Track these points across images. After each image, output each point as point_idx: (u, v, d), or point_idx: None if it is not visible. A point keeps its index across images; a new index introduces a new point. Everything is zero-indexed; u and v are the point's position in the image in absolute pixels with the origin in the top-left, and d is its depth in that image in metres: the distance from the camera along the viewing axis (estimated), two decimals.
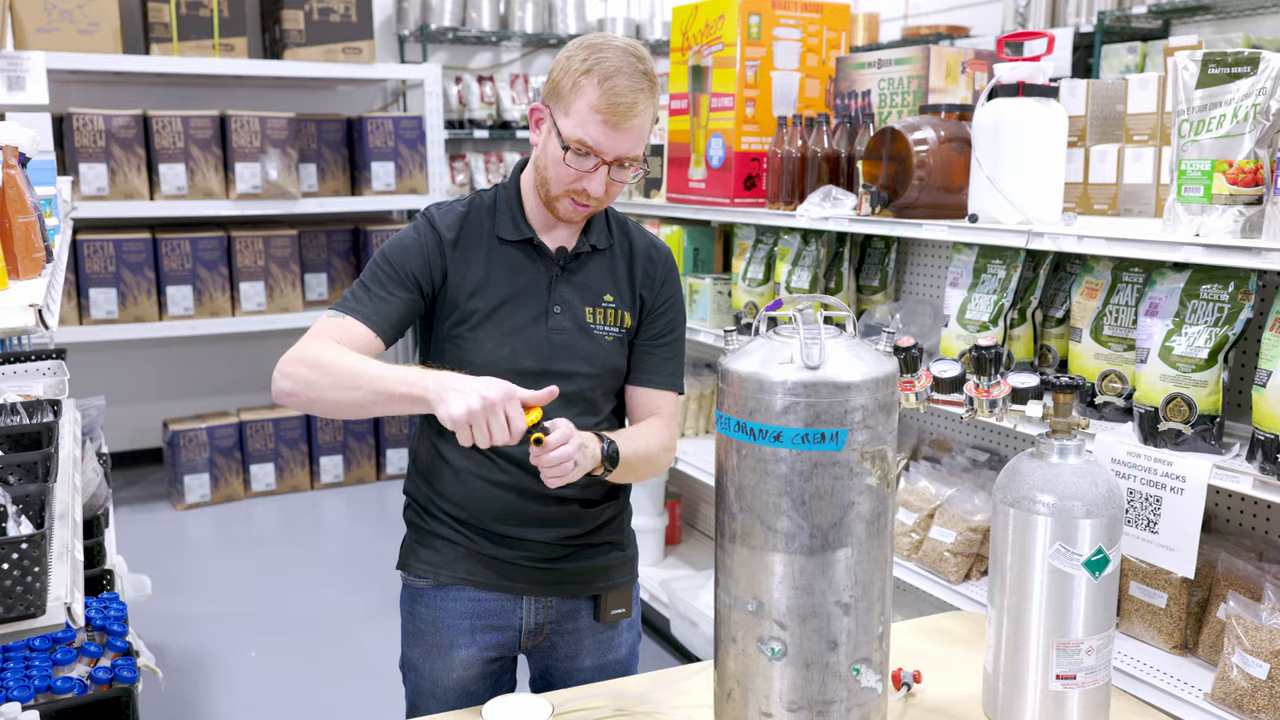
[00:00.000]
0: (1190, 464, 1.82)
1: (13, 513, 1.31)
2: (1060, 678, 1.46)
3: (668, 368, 1.75)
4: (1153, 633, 2.03)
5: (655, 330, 1.74)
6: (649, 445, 1.68)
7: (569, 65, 1.59)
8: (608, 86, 1.54)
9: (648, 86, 1.58)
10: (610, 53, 1.57)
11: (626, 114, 1.55)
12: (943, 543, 2.36)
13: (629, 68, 1.56)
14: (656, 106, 1.63)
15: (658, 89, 1.62)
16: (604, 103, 1.55)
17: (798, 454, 1.25)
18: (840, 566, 1.28)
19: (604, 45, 1.58)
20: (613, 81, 1.55)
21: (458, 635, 1.72)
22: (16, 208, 1.48)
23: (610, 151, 1.58)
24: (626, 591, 1.79)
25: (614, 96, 1.54)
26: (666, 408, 1.75)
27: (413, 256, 1.64)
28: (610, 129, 1.56)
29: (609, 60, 1.56)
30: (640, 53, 1.60)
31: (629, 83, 1.55)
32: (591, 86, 1.55)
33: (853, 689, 1.31)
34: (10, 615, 1.25)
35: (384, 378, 1.47)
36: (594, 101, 1.55)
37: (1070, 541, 1.43)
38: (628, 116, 1.56)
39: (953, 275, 2.40)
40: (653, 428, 1.72)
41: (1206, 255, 1.79)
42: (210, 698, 3.23)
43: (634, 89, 1.56)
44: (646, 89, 1.58)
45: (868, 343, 1.34)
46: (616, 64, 1.55)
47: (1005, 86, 2.20)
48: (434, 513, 1.72)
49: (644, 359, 1.74)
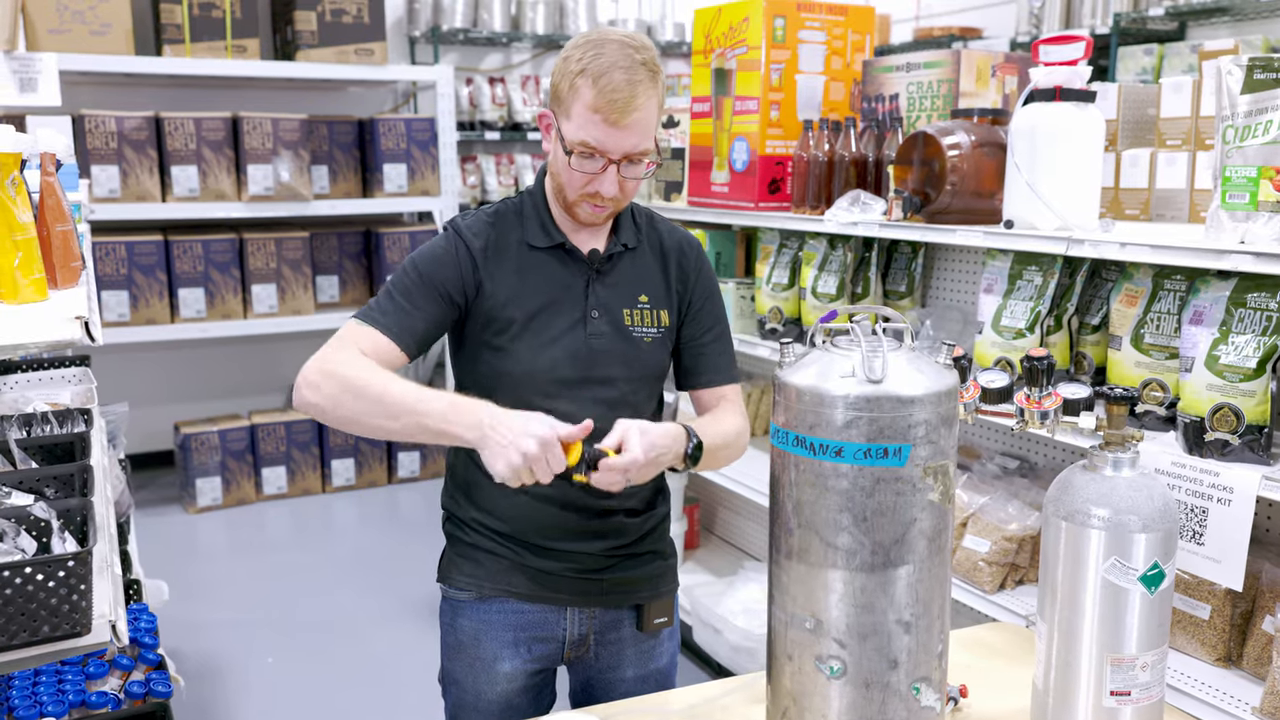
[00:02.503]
0: (1238, 475, 1.80)
1: (56, 528, 1.29)
2: (1114, 694, 1.43)
3: (723, 362, 1.73)
4: (1195, 645, 2.01)
5: (701, 327, 1.72)
6: (727, 431, 1.65)
7: (565, 67, 1.54)
8: (603, 84, 1.49)
9: (647, 77, 1.52)
10: (605, 48, 1.51)
11: (625, 109, 1.50)
12: (977, 552, 2.33)
13: (625, 60, 1.50)
14: (662, 94, 1.57)
15: (660, 78, 1.55)
16: (601, 101, 1.50)
17: (859, 469, 1.23)
18: (901, 584, 1.26)
19: (600, 41, 1.53)
20: (608, 78, 1.49)
21: (501, 648, 1.69)
22: (55, 215, 1.46)
23: (615, 150, 1.53)
24: (669, 600, 1.77)
25: (611, 93, 1.49)
26: (732, 395, 1.73)
27: (444, 269, 1.60)
28: (611, 127, 1.51)
29: (604, 56, 1.50)
30: (637, 42, 1.54)
31: (625, 76, 1.50)
32: (587, 86, 1.50)
33: (912, 708, 1.29)
34: (56, 634, 1.23)
35: (423, 412, 1.43)
36: (591, 101, 1.50)
37: (1126, 556, 1.41)
38: (627, 111, 1.50)
39: (986, 281, 2.38)
40: (727, 412, 1.69)
41: (1255, 263, 1.76)
42: (229, 704, 3.20)
43: (631, 82, 1.50)
44: (645, 79, 1.52)
45: (927, 355, 1.31)
46: (611, 59, 1.50)
47: (1042, 91, 2.17)
48: (475, 527, 1.69)
49: (697, 360, 1.72)
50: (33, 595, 1.20)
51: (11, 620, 1.20)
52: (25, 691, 2.00)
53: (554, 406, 1.60)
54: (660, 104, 1.57)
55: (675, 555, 1.82)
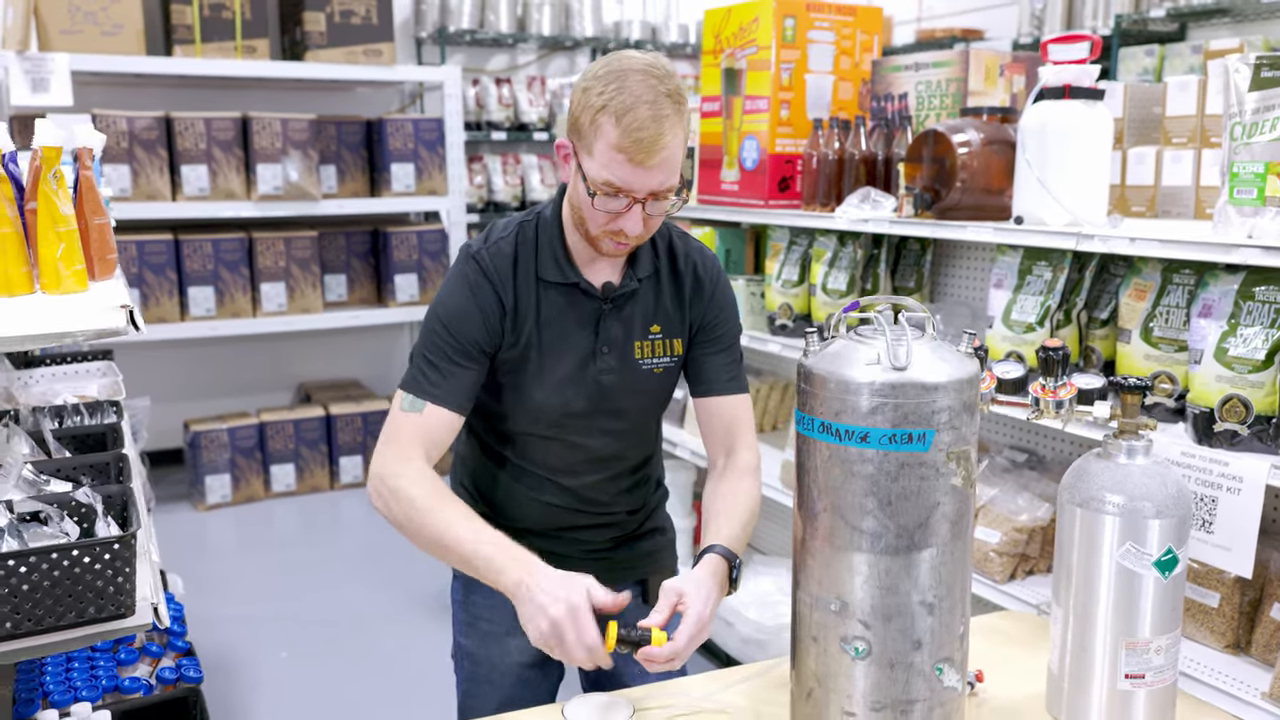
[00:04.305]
0: (1248, 464, 1.83)
1: (100, 513, 1.32)
2: (1129, 677, 1.47)
3: (730, 371, 1.73)
4: (1204, 632, 2.04)
5: (713, 337, 1.72)
6: (749, 506, 1.64)
7: (586, 100, 1.45)
8: (628, 122, 1.41)
9: (673, 111, 1.44)
10: (628, 80, 1.43)
11: (652, 149, 1.42)
12: (988, 543, 2.37)
13: (649, 94, 1.42)
14: (687, 126, 1.49)
15: (685, 107, 1.48)
16: (627, 141, 1.41)
17: (884, 455, 1.26)
18: (925, 566, 1.29)
19: (621, 72, 1.44)
20: (633, 115, 1.41)
21: (511, 621, 1.72)
22: (93, 209, 1.49)
23: (641, 189, 1.46)
24: (672, 574, 1.81)
25: (637, 132, 1.41)
26: (742, 413, 1.72)
27: (474, 326, 1.57)
28: (637, 167, 1.43)
29: (627, 90, 1.42)
30: (661, 71, 1.46)
31: (650, 112, 1.41)
32: (610, 124, 1.42)
33: (935, 688, 1.32)
34: (102, 615, 1.26)
35: (469, 557, 1.46)
36: (615, 140, 1.42)
37: (1140, 541, 1.44)
38: (654, 151, 1.43)
39: (996, 277, 2.41)
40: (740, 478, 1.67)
41: (1263, 257, 1.80)
42: (244, 698, 3.23)
43: (657, 118, 1.42)
44: (672, 114, 1.43)
45: (949, 344, 1.35)
46: (635, 94, 1.42)
47: (1051, 89, 2.21)
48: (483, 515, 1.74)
49: (703, 368, 1.71)
50: (79, 577, 1.24)
51: (59, 602, 1.23)
52: (59, 677, 2.04)
53: (564, 436, 1.67)
54: (686, 136, 1.50)
55: (674, 532, 1.89)
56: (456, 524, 1.48)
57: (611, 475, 1.73)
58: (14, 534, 1.26)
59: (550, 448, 1.69)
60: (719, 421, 1.71)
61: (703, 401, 1.73)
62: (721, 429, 1.72)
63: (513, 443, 1.70)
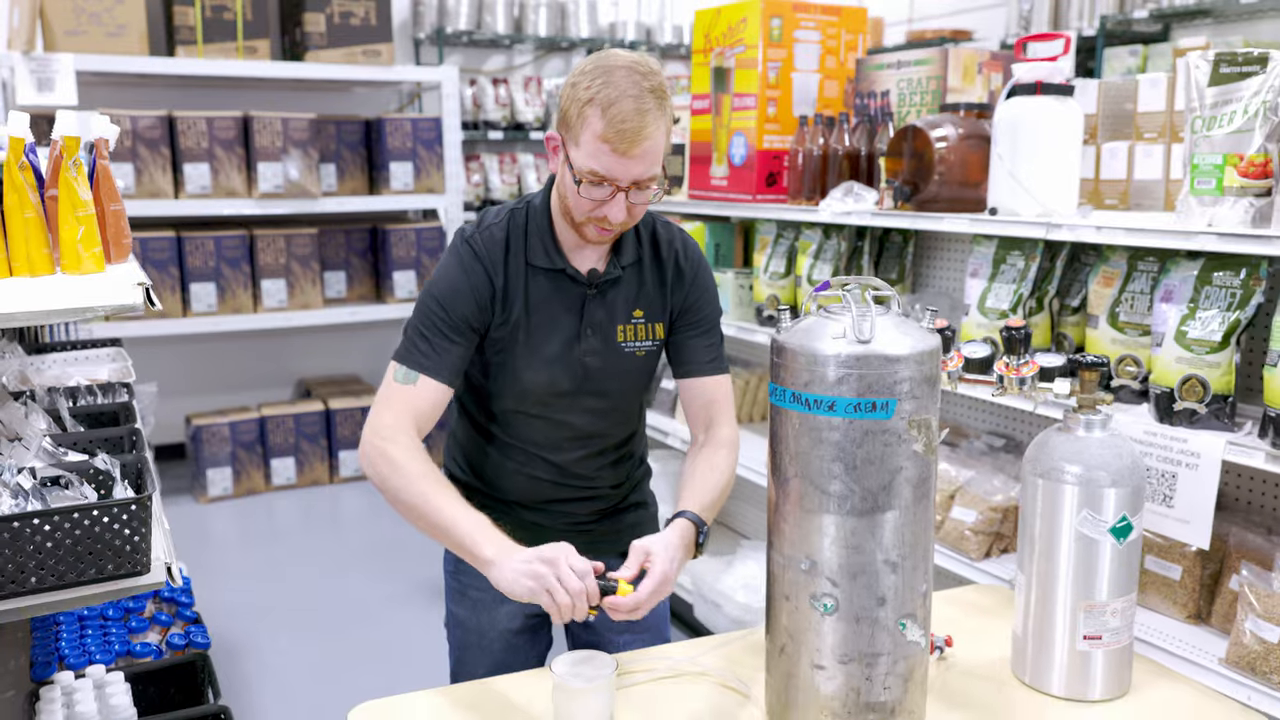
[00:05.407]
0: (1205, 441, 1.92)
1: (118, 478, 1.41)
2: (1087, 638, 1.56)
3: (710, 353, 1.82)
4: (1167, 604, 2.13)
5: (694, 320, 1.81)
6: (720, 481, 1.72)
7: (574, 94, 1.56)
8: (612, 114, 1.52)
9: (655, 105, 1.54)
10: (614, 75, 1.53)
11: (634, 139, 1.53)
12: (964, 522, 2.46)
13: (633, 89, 1.52)
14: (669, 120, 1.60)
15: (668, 102, 1.58)
16: (611, 131, 1.52)
17: (850, 422, 1.35)
18: (888, 527, 1.38)
19: (608, 67, 1.55)
20: (617, 108, 1.51)
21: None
22: (109, 196, 1.58)
23: (624, 178, 1.56)
24: None
25: (620, 124, 1.52)
26: (721, 393, 1.81)
27: (465, 304, 1.66)
28: (621, 156, 1.54)
29: (612, 84, 1.52)
30: (645, 68, 1.56)
31: (634, 105, 1.52)
32: (596, 115, 1.53)
33: (899, 642, 1.41)
34: (120, 573, 1.35)
35: (448, 526, 1.54)
36: (600, 131, 1.53)
37: (1097, 509, 1.53)
38: (636, 142, 1.53)
39: (972, 266, 2.50)
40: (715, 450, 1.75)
41: (1220, 243, 1.89)
42: (246, 685, 3.31)
43: (640, 111, 1.52)
44: (654, 108, 1.54)
45: (911, 320, 1.44)
46: (620, 88, 1.52)
47: (1024, 85, 2.30)
48: (472, 488, 1.85)
49: (684, 350, 1.81)
50: (99, 536, 1.32)
51: (80, 559, 1.32)
52: (74, 642, 2.13)
53: (550, 414, 1.77)
54: (668, 130, 1.60)
55: (656, 506, 1.99)
56: (434, 497, 1.57)
57: (595, 451, 1.83)
58: (38, 496, 1.35)
59: (537, 425, 1.78)
60: (700, 400, 1.82)
61: (685, 382, 1.83)
62: (702, 407, 1.82)
63: (502, 420, 1.80)
